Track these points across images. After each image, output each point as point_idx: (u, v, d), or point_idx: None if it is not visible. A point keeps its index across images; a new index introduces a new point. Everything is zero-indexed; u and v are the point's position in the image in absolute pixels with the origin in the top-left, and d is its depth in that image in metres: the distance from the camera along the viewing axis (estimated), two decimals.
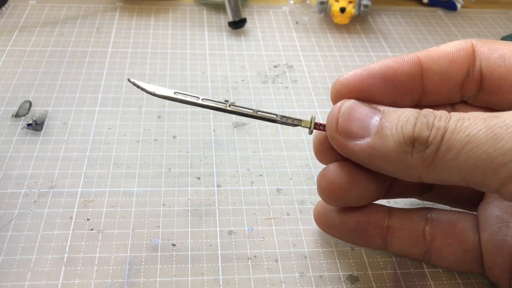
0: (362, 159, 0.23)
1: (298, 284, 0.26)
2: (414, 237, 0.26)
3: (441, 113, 0.21)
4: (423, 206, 0.28)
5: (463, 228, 0.25)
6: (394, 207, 0.27)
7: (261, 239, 0.28)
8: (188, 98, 0.25)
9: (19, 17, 0.46)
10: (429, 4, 0.56)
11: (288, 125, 0.26)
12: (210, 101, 0.25)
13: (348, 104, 0.24)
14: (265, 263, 0.27)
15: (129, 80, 0.26)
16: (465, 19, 0.54)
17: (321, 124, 0.25)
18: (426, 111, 0.22)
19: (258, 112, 0.25)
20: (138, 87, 0.25)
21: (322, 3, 0.49)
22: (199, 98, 0.25)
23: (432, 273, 0.27)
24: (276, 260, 0.27)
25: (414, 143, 0.21)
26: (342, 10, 0.48)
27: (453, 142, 0.20)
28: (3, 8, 0.48)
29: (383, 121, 0.22)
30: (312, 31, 0.49)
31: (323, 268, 0.27)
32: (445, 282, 0.27)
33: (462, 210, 0.27)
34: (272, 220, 0.29)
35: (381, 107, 0.23)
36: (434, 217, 0.26)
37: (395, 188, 0.27)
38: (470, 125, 0.20)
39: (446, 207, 0.29)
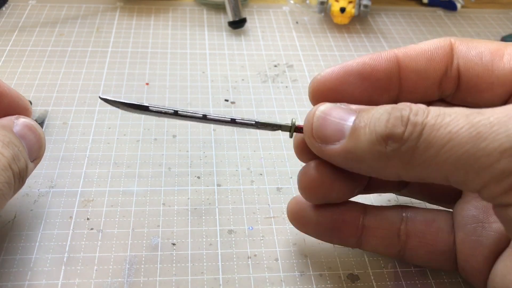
0: (339, 162, 0.22)
1: (299, 283, 0.26)
2: (388, 237, 0.25)
3: (418, 107, 0.20)
4: (399, 204, 0.28)
5: (438, 228, 0.25)
6: (369, 205, 0.26)
7: (261, 238, 0.28)
8: (164, 111, 0.24)
9: (19, 17, 0.46)
10: (429, 4, 0.56)
11: (268, 130, 0.25)
12: (187, 113, 0.24)
13: (322, 108, 0.23)
14: (265, 262, 0.27)
15: (100, 97, 0.24)
16: (465, 19, 0.54)
17: (302, 127, 0.25)
18: (402, 105, 0.20)
19: (236, 120, 0.25)
20: (110, 102, 0.24)
21: (322, 3, 0.49)
22: (176, 111, 0.24)
23: (433, 271, 0.27)
24: (276, 259, 0.27)
25: (387, 140, 0.20)
26: (342, 10, 0.48)
27: (433, 139, 0.19)
28: (3, 8, 0.48)
29: (357, 121, 0.21)
30: (312, 31, 0.49)
31: (323, 267, 0.27)
32: (445, 280, 0.27)
33: (438, 208, 0.27)
34: (272, 219, 0.29)
35: (357, 107, 0.22)
36: (410, 216, 0.25)
37: (373, 183, 0.27)
38: (452, 121, 0.18)
39: (422, 205, 0.29)
